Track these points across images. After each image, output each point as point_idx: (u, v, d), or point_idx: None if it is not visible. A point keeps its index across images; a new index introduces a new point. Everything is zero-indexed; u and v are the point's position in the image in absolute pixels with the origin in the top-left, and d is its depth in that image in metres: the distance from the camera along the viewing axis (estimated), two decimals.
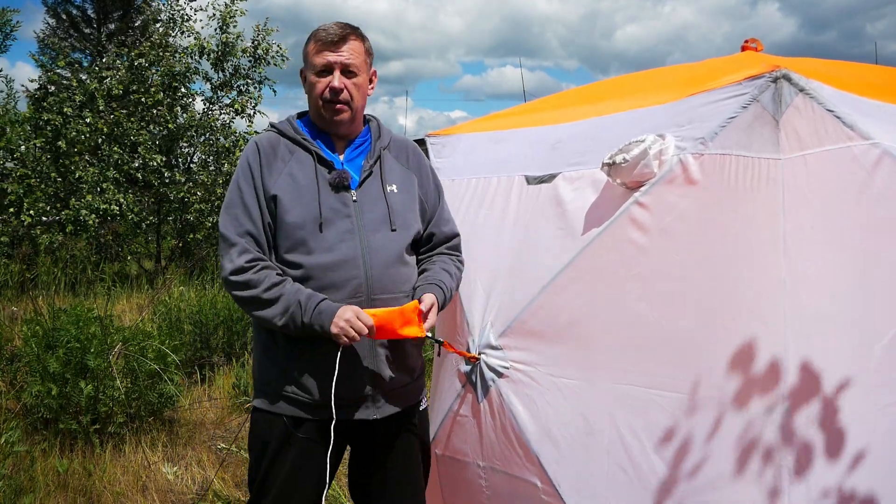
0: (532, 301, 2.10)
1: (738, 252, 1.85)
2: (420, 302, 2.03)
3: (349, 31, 2.07)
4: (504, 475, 2.20)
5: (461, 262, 2.26)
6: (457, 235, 2.29)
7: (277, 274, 2.01)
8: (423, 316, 2.03)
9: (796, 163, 1.84)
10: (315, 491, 2.07)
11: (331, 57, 2.04)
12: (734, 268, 1.85)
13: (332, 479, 2.06)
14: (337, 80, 2.04)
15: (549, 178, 2.22)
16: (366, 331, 1.93)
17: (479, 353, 2.20)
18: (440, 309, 2.11)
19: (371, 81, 2.17)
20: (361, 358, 2.04)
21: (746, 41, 2.52)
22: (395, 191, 2.14)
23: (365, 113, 2.23)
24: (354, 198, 2.07)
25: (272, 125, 2.17)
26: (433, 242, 2.23)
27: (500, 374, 2.16)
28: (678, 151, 1.90)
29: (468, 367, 2.26)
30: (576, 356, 2.03)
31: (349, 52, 2.05)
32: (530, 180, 2.29)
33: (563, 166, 2.21)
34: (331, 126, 2.12)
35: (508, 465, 2.17)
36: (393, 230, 2.08)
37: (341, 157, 2.13)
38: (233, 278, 1.99)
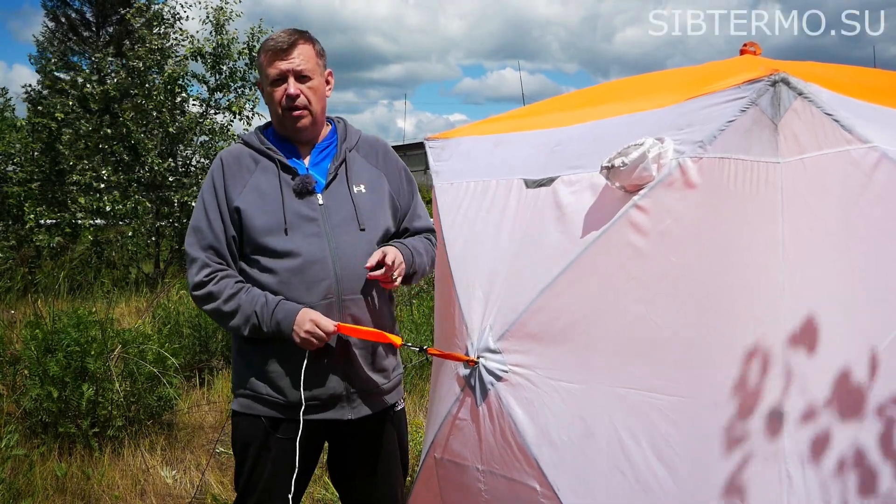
0: (531, 304, 2.10)
1: (736, 255, 1.86)
2: (384, 257, 2.04)
3: (297, 37, 2.09)
4: (503, 479, 2.19)
5: (431, 240, 2.31)
6: (431, 230, 2.33)
7: (237, 282, 2.06)
8: (387, 268, 2.03)
9: (795, 166, 1.84)
10: (297, 488, 2.10)
11: (282, 65, 2.06)
12: (733, 271, 1.86)
13: (311, 469, 2.13)
14: (292, 86, 2.06)
15: (548, 182, 2.23)
16: (327, 337, 1.98)
17: (478, 357, 2.20)
18: (409, 268, 2.12)
19: (328, 83, 2.19)
20: (336, 358, 2.08)
21: (745, 44, 2.52)
22: (363, 190, 2.17)
23: (333, 115, 2.27)
24: (321, 201, 2.11)
25: (240, 137, 2.22)
26: (406, 237, 2.27)
27: (498, 378, 2.16)
28: (677, 155, 1.90)
29: (467, 371, 2.26)
30: (574, 359, 2.03)
31: (300, 58, 2.07)
32: (529, 183, 2.29)
33: (562, 169, 2.21)
34: (294, 133, 2.15)
35: (507, 469, 2.17)
36: (361, 230, 2.12)
37: (306, 163, 2.16)
38: (195, 293, 2.08)
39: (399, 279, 2.09)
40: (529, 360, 2.11)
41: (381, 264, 2.05)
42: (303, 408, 2.02)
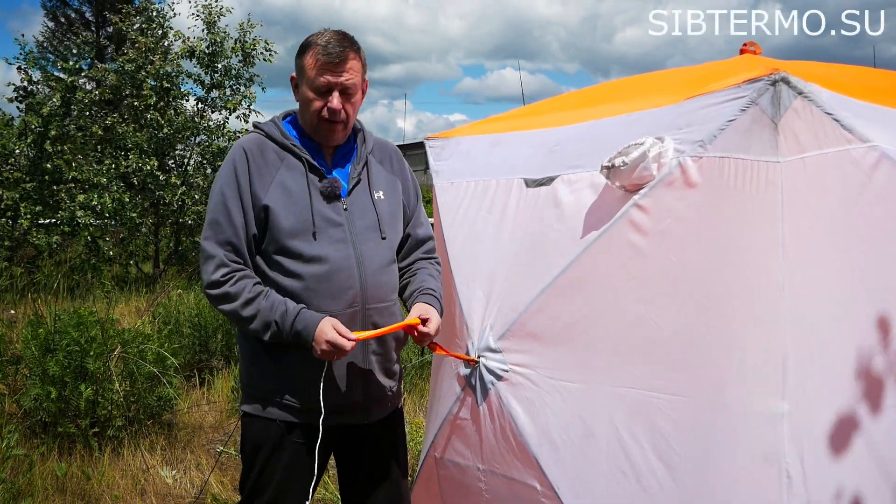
0: (531, 304, 2.11)
1: (736, 255, 1.86)
2: (424, 323, 2.02)
3: (349, 50, 2.01)
4: (503, 478, 2.20)
5: (439, 263, 2.29)
6: (431, 238, 2.30)
7: (255, 284, 1.99)
8: (427, 333, 2.03)
9: (795, 165, 1.84)
10: (305, 492, 2.08)
11: (331, 78, 1.99)
12: (733, 270, 1.86)
13: (321, 475, 2.08)
14: (336, 101, 2.01)
15: (548, 181, 2.23)
16: (346, 352, 1.92)
17: (479, 356, 2.20)
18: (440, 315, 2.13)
19: (363, 93, 2.15)
20: (355, 367, 2.05)
21: (745, 44, 2.53)
22: (382, 197, 2.14)
23: None
24: (345, 206, 2.07)
25: (257, 126, 2.14)
26: (409, 244, 2.24)
27: (499, 377, 2.16)
28: (677, 154, 1.90)
29: (467, 371, 2.26)
30: (575, 359, 2.03)
31: (349, 73, 2.01)
32: (529, 183, 2.29)
33: (562, 169, 2.21)
34: (323, 141, 2.11)
35: (508, 469, 2.17)
36: (383, 238, 2.09)
37: (330, 164, 2.13)
38: (210, 292, 1.99)
39: (427, 342, 2.08)
40: (530, 359, 2.11)
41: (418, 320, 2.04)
42: (322, 416, 1.98)
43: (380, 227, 2.09)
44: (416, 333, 2.03)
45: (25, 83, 10.37)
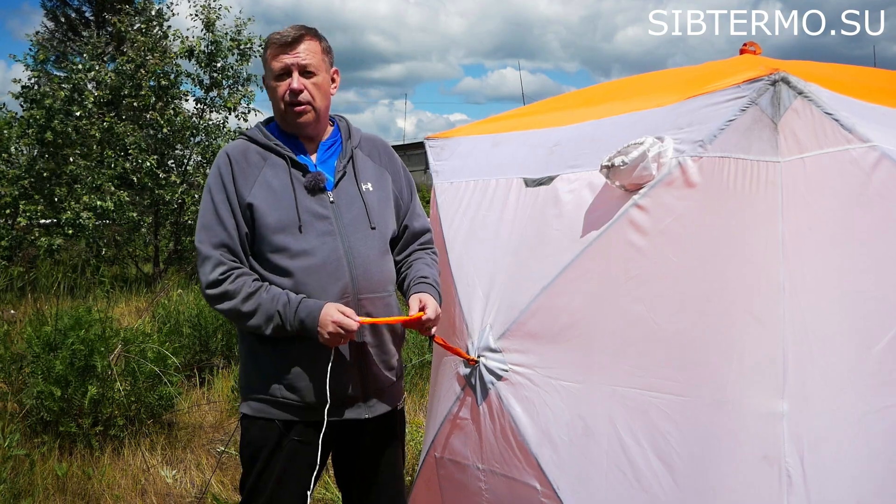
0: (531, 303, 2.11)
1: (736, 255, 1.86)
2: (423, 311, 2.05)
3: (304, 32, 2.07)
4: (503, 478, 2.20)
5: (435, 253, 2.31)
6: (428, 230, 2.32)
7: (254, 280, 2.02)
8: (429, 321, 2.05)
9: (795, 165, 1.84)
10: (306, 484, 2.08)
11: (287, 59, 2.04)
12: (732, 270, 1.86)
13: (322, 466, 2.08)
14: (296, 81, 2.04)
15: (548, 181, 2.23)
16: (351, 335, 1.95)
17: (479, 356, 2.21)
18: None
19: (333, 81, 2.17)
20: (350, 358, 2.06)
21: (745, 44, 2.53)
22: (371, 189, 2.16)
23: (333, 114, 2.25)
24: (331, 199, 2.08)
25: (241, 133, 2.18)
26: (406, 237, 2.26)
27: (499, 377, 2.16)
28: (677, 154, 1.90)
29: (467, 370, 2.26)
30: (574, 358, 2.03)
31: (305, 53, 2.05)
32: (529, 182, 2.30)
33: (561, 168, 2.22)
34: (296, 129, 2.12)
35: (508, 468, 2.17)
36: (372, 228, 2.10)
37: (314, 160, 2.14)
38: (209, 292, 2.01)
39: (434, 329, 2.10)
40: (529, 359, 2.11)
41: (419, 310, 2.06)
42: (328, 405, 1.99)
43: (368, 217, 2.10)
44: (417, 318, 2.06)
45: (34, 80, 10.38)
